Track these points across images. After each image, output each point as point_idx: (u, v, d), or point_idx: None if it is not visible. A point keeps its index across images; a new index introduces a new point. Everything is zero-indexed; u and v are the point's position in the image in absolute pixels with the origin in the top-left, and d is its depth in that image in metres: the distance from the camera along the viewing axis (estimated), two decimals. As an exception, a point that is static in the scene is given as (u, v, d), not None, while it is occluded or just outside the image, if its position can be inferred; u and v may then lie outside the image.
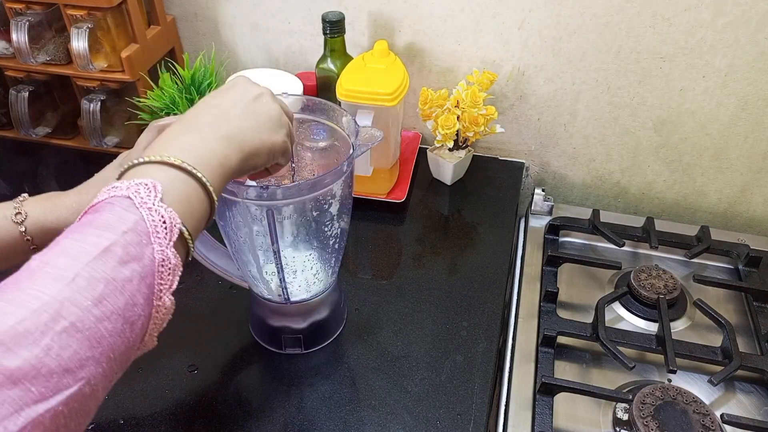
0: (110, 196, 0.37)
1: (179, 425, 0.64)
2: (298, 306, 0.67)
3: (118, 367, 0.35)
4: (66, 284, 0.32)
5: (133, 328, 0.35)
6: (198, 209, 0.41)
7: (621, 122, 0.93)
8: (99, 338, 0.33)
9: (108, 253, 0.34)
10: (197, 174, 0.40)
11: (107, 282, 0.34)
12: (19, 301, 0.31)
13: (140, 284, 0.36)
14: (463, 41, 0.92)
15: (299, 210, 0.59)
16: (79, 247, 0.34)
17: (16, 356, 0.29)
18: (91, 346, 0.32)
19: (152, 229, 0.37)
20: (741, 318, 0.79)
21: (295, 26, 0.98)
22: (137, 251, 0.36)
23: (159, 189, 0.38)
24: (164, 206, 0.38)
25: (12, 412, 0.28)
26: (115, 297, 0.34)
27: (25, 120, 0.95)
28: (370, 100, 0.80)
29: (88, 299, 0.33)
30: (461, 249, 0.85)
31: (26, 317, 0.30)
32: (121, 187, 0.38)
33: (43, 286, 0.32)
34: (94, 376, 0.33)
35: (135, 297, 0.35)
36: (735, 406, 0.69)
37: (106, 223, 0.36)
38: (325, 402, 0.66)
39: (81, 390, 0.32)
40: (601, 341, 0.71)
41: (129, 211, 0.36)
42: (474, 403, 0.66)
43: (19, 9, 0.87)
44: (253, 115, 0.47)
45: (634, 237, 0.87)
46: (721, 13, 0.80)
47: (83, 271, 0.33)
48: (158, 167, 0.40)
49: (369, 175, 0.84)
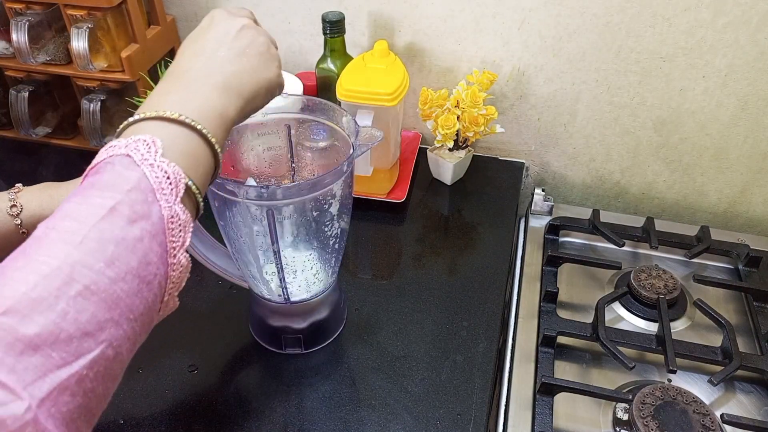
0: (109, 156, 0.36)
1: (179, 425, 0.64)
2: (298, 306, 0.67)
3: (140, 329, 0.35)
4: (74, 247, 0.32)
5: (150, 288, 0.35)
6: (203, 163, 0.40)
7: (621, 122, 0.93)
8: (115, 299, 0.32)
9: (114, 213, 0.33)
10: (197, 126, 0.39)
11: (117, 242, 0.33)
12: (29, 269, 0.31)
13: (151, 242, 0.35)
14: (463, 41, 0.92)
15: (299, 210, 0.59)
16: (83, 210, 0.34)
17: (32, 323, 0.29)
18: (108, 308, 0.32)
19: (156, 186, 0.35)
20: (741, 318, 0.79)
21: (295, 26, 0.98)
22: (144, 209, 0.35)
23: (159, 144, 0.37)
24: (166, 161, 0.36)
25: (36, 378, 0.28)
26: (127, 257, 0.33)
27: (25, 120, 0.95)
28: (370, 100, 0.80)
29: (99, 261, 0.32)
30: (461, 249, 0.85)
31: (38, 283, 0.30)
32: (119, 146, 0.36)
33: (51, 251, 0.32)
34: (116, 338, 0.32)
35: (148, 256, 0.34)
36: (735, 406, 0.69)
37: (108, 183, 0.35)
38: (325, 402, 0.66)
39: (104, 353, 0.31)
40: (601, 341, 0.71)
41: (130, 169, 0.35)
42: (474, 403, 0.66)
43: (19, 9, 0.87)
44: (244, 55, 0.45)
45: (634, 237, 0.87)
46: (721, 13, 0.80)
47: (91, 233, 0.32)
48: (155, 123, 0.38)
49: (369, 175, 0.84)
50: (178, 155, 0.37)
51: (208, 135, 0.39)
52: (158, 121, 0.38)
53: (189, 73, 0.42)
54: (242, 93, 0.43)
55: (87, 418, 0.32)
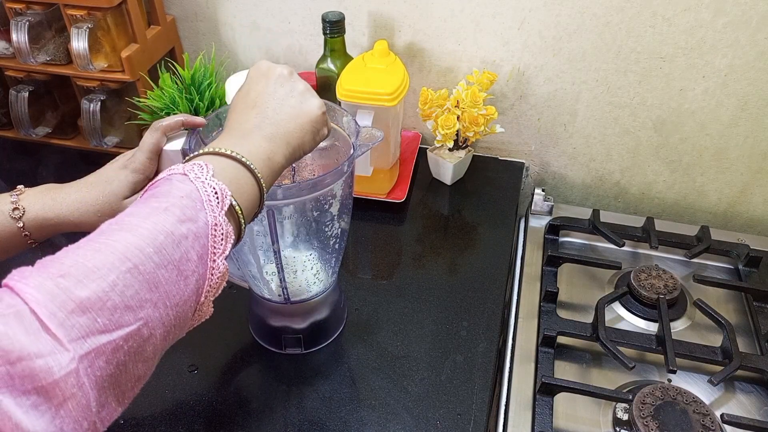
0: (168, 174, 0.42)
1: (179, 425, 0.64)
2: (298, 306, 0.67)
3: (174, 320, 0.38)
4: (131, 233, 0.36)
5: (187, 283, 0.38)
6: (248, 191, 0.44)
7: (621, 122, 0.93)
8: (156, 283, 0.36)
9: (167, 212, 0.38)
10: (245, 161, 0.44)
11: (166, 234, 0.37)
12: (90, 247, 0.35)
13: (195, 242, 0.39)
14: (463, 41, 0.92)
15: (299, 210, 0.59)
16: (142, 209, 0.39)
17: (86, 287, 0.33)
18: (150, 289, 0.36)
19: (205, 197, 0.40)
20: (741, 318, 0.79)
21: (295, 26, 0.98)
22: (192, 213, 0.39)
23: (211, 167, 0.42)
24: (215, 180, 0.41)
25: (80, 336, 0.32)
26: (172, 248, 0.37)
27: (25, 120, 0.95)
28: (370, 100, 0.80)
29: (150, 246, 0.36)
30: (461, 249, 0.85)
31: (96, 257, 0.34)
32: (177, 168, 0.42)
33: (111, 235, 0.36)
34: (152, 318, 0.36)
35: (189, 253, 0.38)
36: (735, 406, 0.69)
37: (165, 191, 0.40)
38: (325, 402, 0.66)
39: (139, 330, 0.35)
40: (601, 341, 0.71)
41: (184, 183, 0.40)
42: (474, 403, 0.66)
43: (19, 9, 0.87)
44: (290, 107, 0.50)
45: (634, 237, 0.87)
46: (721, 13, 0.80)
47: (146, 224, 0.37)
48: (210, 157, 0.44)
49: (369, 175, 0.84)
50: (226, 179, 0.43)
51: (254, 169, 0.45)
52: (213, 156, 0.44)
53: (243, 126, 0.48)
54: (289, 141, 0.49)
55: (116, 392, 0.35)
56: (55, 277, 0.33)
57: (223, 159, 0.44)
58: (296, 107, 0.50)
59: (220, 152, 0.44)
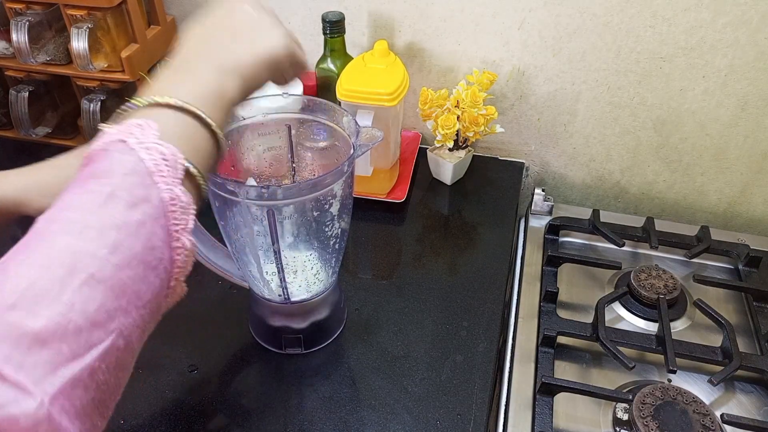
0: (103, 143, 0.35)
1: (179, 425, 0.64)
2: (298, 306, 0.67)
3: (149, 317, 0.34)
4: (75, 237, 0.31)
5: (156, 273, 0.34)
6: (202, 146, 0.39)
7: (621, 122, 0.93)
8: (122, 287, 0.31)
9: (113, 199, 0.33)
10: (191, 109, 0.38)
11: (119, 228, 0.32)
12: (31, 261, 0.30)
13: (154, 226, 0.34)
14: (463, 41, 0.92)
15: (300, 210, 0.59)
16: (82, 199, 0.33)
17: (38, 316, 0.28)
18: (115, 297, 0.31)
19: (154, 168, 0.34)
20: (741, 318, 0.79)
21: (295, 26, 0.98)
22: (143, 193, 0.34)
23: (153, 126, 0.35)
24: (162, 143, 0.35)
25: (46, 373, 0.27)
26: (130, 242, 0.32)
27: (25, 120, 0.95)
28: (370, 100, 0.80)
29: (102, 248, 0.31)
30: (461, 249, 0.85)
31: (40, 275, 0.29)
32: (112, 132, 0.35)
33: (52, 242, 0.31)
34: (126, 326, 0.32)
35: (151, 240, 0.33)
36: (735, 406, 0.69)
37: (105, 169, 0.34)
38: (325, 402, 0.66)
39: (115, 343, 0.31)
40: (601, 341, 0.71)
41: (126, 154, 0.34)
42: (474, 403, 0.66)
43: (19, 9, 0.87)
44: (240, 31, 0.44)
45: (634, 237, 0.87)
46: (721, 13, 0.80)
47: (91, 220, 0.32)
48: (149, 110, 0.37)
49: (369, 175, 0.84)
50: (174, 139, 0.36)
51: (204, 116, 0.38)
52: (151, 107, 0.37)
53: (187, 57, 0.42)
54: (239, 70, 0.42)
55: (101, 410, 0.31)
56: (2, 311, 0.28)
57: (164, 110, 0.37)
58: (254, 36, 0.43)
59: (157, 102, 0.37)
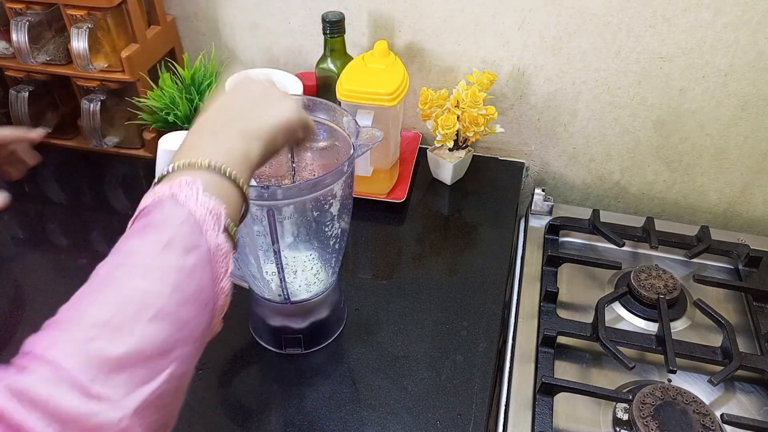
0: (157, 197, 0.40)
1: (179, 425, 0.63)
2: (298, 306, 0.67)
3: (199, 348, 0.39)
4: (142, 278, 0.36)
5: (206, 311, 0.39)
6: (233, 201, 0.43)
7: (621, 122, 0.93)
8: (182, 322, 0.36)
9: (171, 246, 0.37)
10: (226, 170, 0.43)
11: (178, 270, 0.37)
12: (104, 301, 0.35)
13: (204, 270, 0.39)
14: (463, 41, 0.92)
15: (300, 210, 0.59)
16: (144, 246, 0.38)
17: (118, 346, 0.33)
18: (177, 330, 0.36)
19: (202, 220, 0.39)
20: (741, 318, 0.79)
21: (295, 26, 0.98)
22: (195, 241, 0.39)
23: (199, 184, 0.41)
24: (208, 196, 0.40)
25: (126, 393, 0.33)
26: (186, 283, 0.37)
27: (25, 120, 0.95)
28: (370, 100, 0.80)
29: (166, 287, 0.36)
30: (461, 249, 0.85)
31: (116, 311, 0.34)
32: (163, 190, 0.40)
33: (122, 284, 0.36)
34: (184, 356, 0.37)
35: (202, 282, 0.38)
36: (735, 406, 0.69)
37: (161, 220, 0.39)
38: (325, 402, 0.66)
39: (176, 370, 0.36)
40: (601, 341, 0.71)
41: (177, 207, 0.39)
42: (474, 403, 0.66)
43: (19, 9, 0.87)
44: (258, 102, 0.49)
45: (634, 237, 0.87)
46: (721, 13, 0.80)
47: (154, 264, 0.37)
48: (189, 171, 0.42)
49: (369, 175, 0.84)
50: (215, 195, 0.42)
51: (235, 177, 0.43)
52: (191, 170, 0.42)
53: (213, 125, 0.47)
54: (260, 135, 0.47)
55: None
56: (85, 341, 0.33)
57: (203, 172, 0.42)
58: (270, 106, 0.49)
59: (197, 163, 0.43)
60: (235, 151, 0.45)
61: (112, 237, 0.39)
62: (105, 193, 0.95)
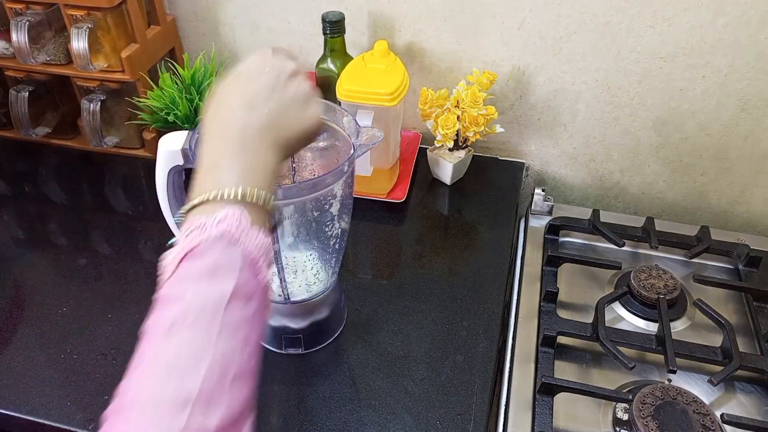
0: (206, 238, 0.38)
1: (179, 425, 0.63)
2: (298, 306, 0.67)
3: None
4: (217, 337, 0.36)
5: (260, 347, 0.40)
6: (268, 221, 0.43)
7: (621, 122, 0.93)
8: (253, 372, 0.38)
9: (235, 297, 0.37)
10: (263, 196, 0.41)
11: (244, 322, 0.37)
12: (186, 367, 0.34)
13: (263, 314, 0.40)
14: (463, 41, 0.92)
15: (300, 210, 0.59)
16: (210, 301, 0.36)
17: (212, 418, 0.34)
18: (250, 380, 0.38)
19: (254, 259, 0.39)
20: (741, 318, 0.79)
21: (295, 26, 0.98)
22: (254, 285, 0.39)
23: (246, 218, 0.39)
24: (255, 232, 0.40)
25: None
26: (251, 333, 0.38)
27: (25, 120, 0.95)
28: (370, 100, 0.80)
29: (237, 343, 0.36)
30: (461, 249, 0.85)
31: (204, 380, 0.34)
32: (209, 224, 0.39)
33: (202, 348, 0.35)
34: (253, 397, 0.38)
35: (262, 325, 0.40)
36: (735, 406, 0.69)
37: (219, 266, 0.37)
38: (325, 402, 0.66)
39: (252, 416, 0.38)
40: (601, 341, 0.71)
41: (232, 249, 0.38)
42: (474, 403, 0.66)
43: (19, 9, 0.87)
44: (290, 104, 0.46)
45: (634, 237, 0.87)
46: (721, 13, 0.80)
47: (225, 320, 0.36)
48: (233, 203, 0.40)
49: (369, 175, 0.84)
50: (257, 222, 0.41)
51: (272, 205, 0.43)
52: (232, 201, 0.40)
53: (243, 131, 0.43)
54: (289, 147, 0.46)
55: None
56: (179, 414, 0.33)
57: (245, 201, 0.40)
58: (299, 114, 0.46)
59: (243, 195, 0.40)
60: (267, 166, 0.43)
61: (112, 237, 0.39)
62: (105, 193, 0.95)
